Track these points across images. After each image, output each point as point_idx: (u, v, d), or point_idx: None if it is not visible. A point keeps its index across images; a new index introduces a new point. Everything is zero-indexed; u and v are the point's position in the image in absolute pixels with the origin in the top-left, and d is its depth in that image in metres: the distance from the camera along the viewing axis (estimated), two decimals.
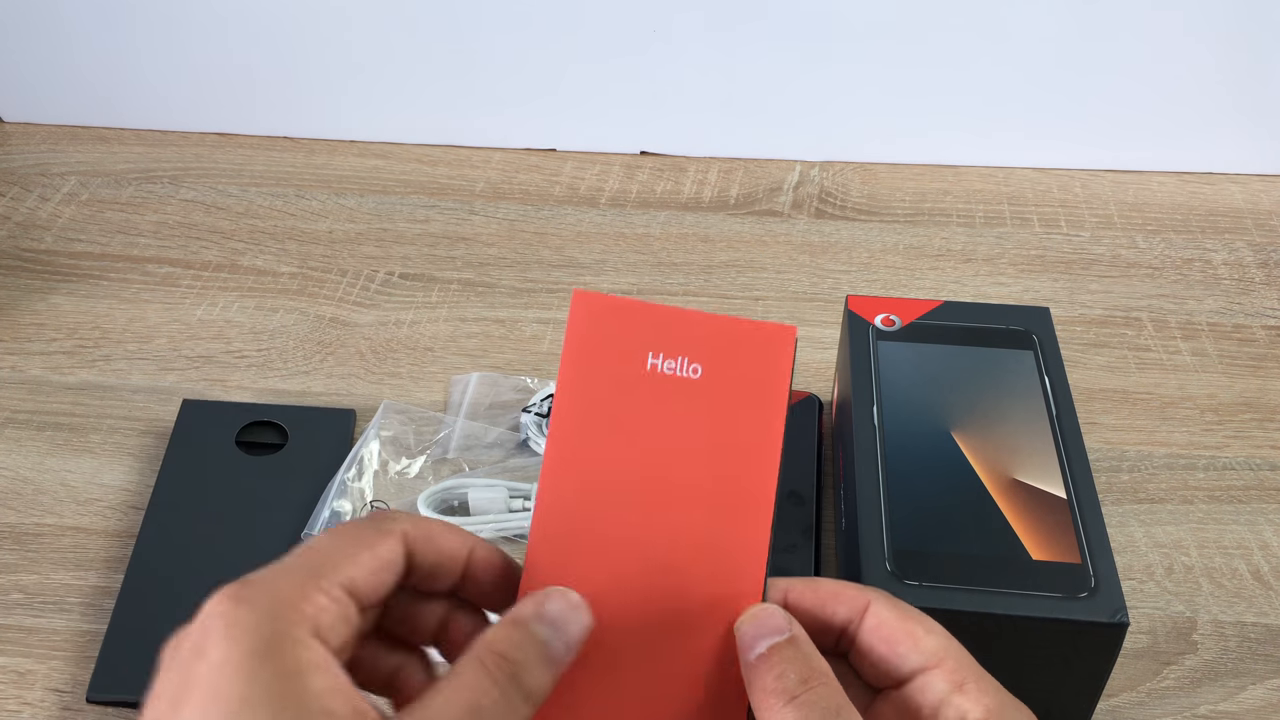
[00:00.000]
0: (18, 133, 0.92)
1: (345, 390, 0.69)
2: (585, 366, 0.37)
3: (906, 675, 0.34)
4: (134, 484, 0.64)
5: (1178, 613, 0.57)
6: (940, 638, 0.34)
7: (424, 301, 0.75)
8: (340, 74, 0.88)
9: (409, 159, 0.89)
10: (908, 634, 0.34)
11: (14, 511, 0.62)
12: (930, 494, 0.51)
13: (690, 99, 0.87)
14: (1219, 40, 0.80)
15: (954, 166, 0.87)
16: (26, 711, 0.53)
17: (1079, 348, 0.71)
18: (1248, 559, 0.59)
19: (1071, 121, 0.85)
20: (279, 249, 0.80)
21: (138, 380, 0.70)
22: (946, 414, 0.54)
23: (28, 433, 0.67)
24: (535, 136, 0.90)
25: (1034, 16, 0.80)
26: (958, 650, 0.34)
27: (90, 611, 0.57)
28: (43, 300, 0.76)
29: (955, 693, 0.33)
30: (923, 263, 0.78)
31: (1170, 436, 0.66)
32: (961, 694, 0.33)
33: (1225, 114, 0.84)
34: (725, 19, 0.82)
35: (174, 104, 0.91)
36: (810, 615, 0.35)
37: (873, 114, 0.86)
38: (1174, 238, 0.80)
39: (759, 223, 0.82)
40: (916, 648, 0.34)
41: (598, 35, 0.84)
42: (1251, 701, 0.53)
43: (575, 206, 0.84)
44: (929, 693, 0.33)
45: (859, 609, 0.35)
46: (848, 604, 0.35)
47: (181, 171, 0.88)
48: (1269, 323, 0.73)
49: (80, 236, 0.81)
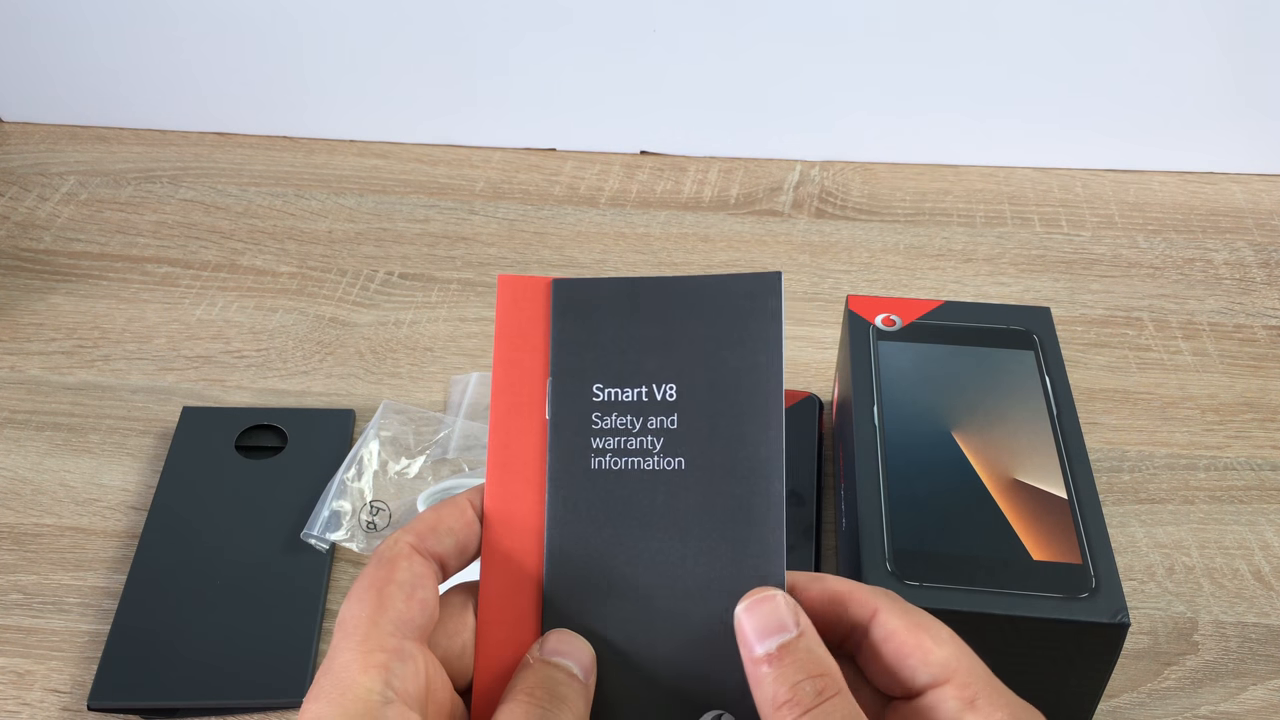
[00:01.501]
0: (17, 132, 0.92)
1: (345, 390, 0.69)
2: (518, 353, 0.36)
3: (917, 690, 0.33)
4: (133, 484, 0.64)
5: (1179, 613, 0.57)
6: (950, 648, 0.33)
7: (424, 301, 0.75)
8: (340, 74, 0.88)
9: (409, 159, 0.89)
10: (917, 646, 0.33)
11: (13, 512, 0.62)
12: (930, 494, 0.51)
13: (690, 99, 0.87)
14: (1220, 40, 0.80)
15: (955, 166, 0.87)
16: (25, 712, 0.53)
17: (1080, 348, 0.71)
18: (1248, 559, 0.59)
19: (1072, 121, 0.85)
20: (278, 249, 0.80)
21: (137, 380, 0.70)
22: (947, 414, 0.54)
23: (27, 433, 0.67)
24: (535, 136, 0.90)
25: (1035, 16, 0.80)
26: (969, 661, 0.33)
27: (89, 612, 0.57)
28: (42, 300, 0.76)
29: (967, 710, 0.32)
30: (923, 262, 0.78)
31: (1171, 437, 0.65)
32: (973, 711, 0.32)
33: (1227, 114, 0.83)
34: (726, 19, 0.82)
35: (173, 104, 0.91)
36: (815, 614, 0.34)
37: (873, 113, 0.86)
38: (1175, 237, 0.80)
39: (759, 222, 0.82)
40: (926, 661, 0.33)
41: (598, 35, 0.84)
42: (1252, 702, 0.53)
43: (575, 206, 0.84)
44: (940, 711, 0.33)
45: (867, 614, 0.34)
46: (856, 607, 0.34)
47: (181, 171, 0.88)
48: (1270, 323, 0.73)
49: (79, 236, 0.81)
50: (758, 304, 0.35)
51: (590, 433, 0.35)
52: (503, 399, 0.36)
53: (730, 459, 0.34)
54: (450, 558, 0.35)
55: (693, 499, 0.34)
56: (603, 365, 0.35)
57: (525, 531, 0.35)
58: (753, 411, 0.34)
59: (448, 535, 0.34)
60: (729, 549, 0.34)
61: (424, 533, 0.34)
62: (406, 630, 0.32)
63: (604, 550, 0.35)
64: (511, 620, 0.35)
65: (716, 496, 0.34)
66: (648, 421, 0.35)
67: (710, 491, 0.34)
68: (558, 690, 0.32)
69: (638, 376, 0.35)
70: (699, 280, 0.35)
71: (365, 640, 0.31)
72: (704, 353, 0.35)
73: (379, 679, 0.30)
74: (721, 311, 0.35)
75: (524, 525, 0.35)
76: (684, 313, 0.35)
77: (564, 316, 0.36)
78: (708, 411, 0.35)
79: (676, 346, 0.35)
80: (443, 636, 0.34)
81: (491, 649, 0.35)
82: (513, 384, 0.36)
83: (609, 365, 0.35)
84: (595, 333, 0.35)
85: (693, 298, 0.35)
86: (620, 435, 0.35)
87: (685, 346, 0.35)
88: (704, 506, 0.34)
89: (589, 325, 0.35)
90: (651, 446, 0.35)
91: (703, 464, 0.34)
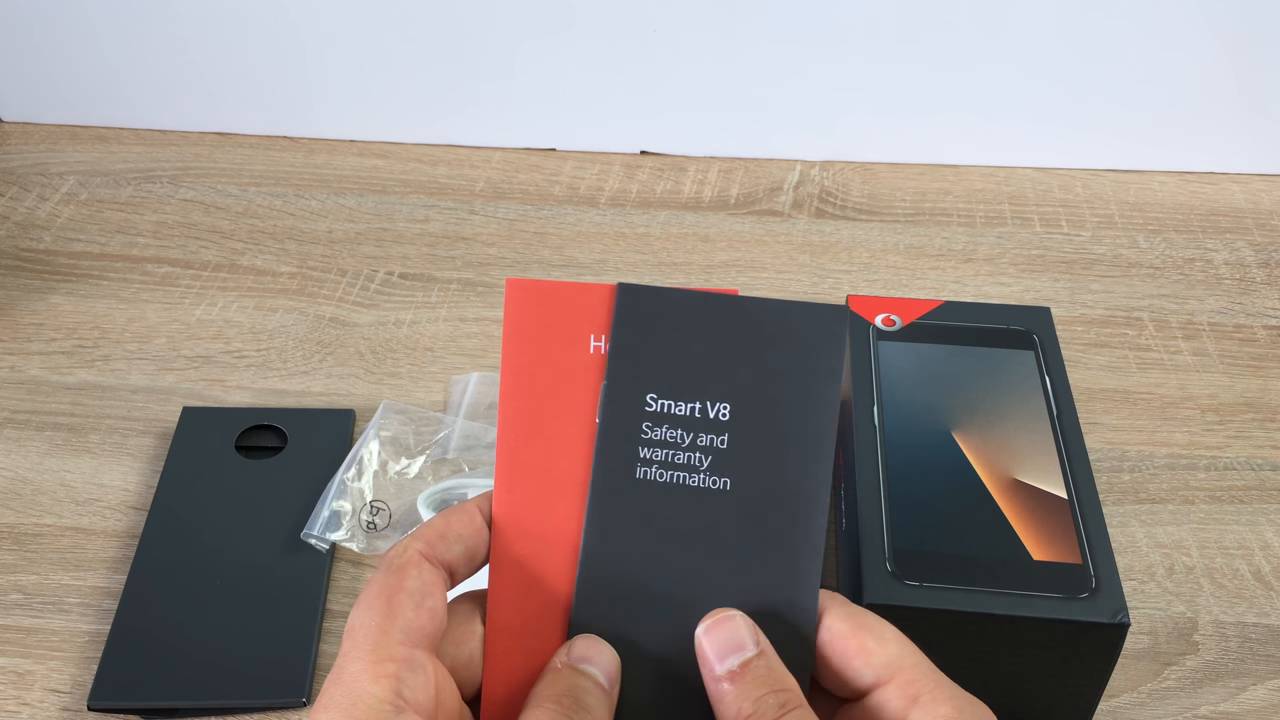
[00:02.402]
0: (17, 132, 0.92)
1: (345, 390, 0.69)
2: (527, 358, 0.35)
3: (863, 690, 0.33)
4: (133, 484, 0.64)
5: (1179, 613, 0.57)
6: (892, 647, 0.33)
7: (424, 301, 0.75)
8: (340, 74, 0.88)
9: (409, 159, 0.89)
10: (859, 648, 0.33)
11: (13, 512, 0.62)
12: (930, 494, 0.51)
13: (690, 99, 0.87)
14: (1220, 39, 0.80)
15: (955, 166, 0.87)
16: (25, 712, 0.53)
17: (1080, 347, 0.71)
18: (1249, 559, 0.59)
19: (1073, 121, 0.85)
20: (278, 249, 0.80)
21: (137, 380, 0.70)
22: (947, 414, 0.54)
23: (27, 433, 0.67)
24: (535, 136, 0.89)
25: (1035, 15, 0.80)
26: (912, 659, 0.33)
27: (89, 612, 0.57)
28: (42, 300, 0.76)
29: (911, 707, 0.32)
30: (923, 262, 0.78)
31: (1171, 436, 0.65)
32: (917, 707, 0.32)
33: (1227, 113, 0.83)
34: (726, 18, 0.82)
35: (173, 104, 0.91)
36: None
37: (873, 113, 0.86)
38: (1175, 237, 0.80)
39: (759, 222, 0.82)
40: (869, 663, 0.33)
41: (598, 35, 0.84)
42: (1253, 702, 0.53)
43: (575, 206, 0.84)
44: (885, 710, 0.33)
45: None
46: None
47: (181, 171, 0.88)
48: (1270, 323, 0.73)
49: (79, 236, 0.81)
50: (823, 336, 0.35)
51: (639, 441, 0.35)
52: (512, 405, 0.35)
53: (776, 487, 0.34)
54: (459, 565, 0.34)
55: (734, 521, 0.34)
56: (659, 376, 0.35)
57: (536, 537, 0.35)
58: (804, 442, 0.34)
59: (457, 542, 0.34)
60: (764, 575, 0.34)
61: (433, 540, 0.34)
62: (416, 639, 0.32)
63: (641, 560, 0.34)
64: (521, 627, 0.35)
65: (758, 522, 0.34)
66: (698, 438, 0.35)
67: (752, 516, 0.34)
68: (584, 700, 0.32)
69: (693, 392, 0.35)
70: (766, 303, 0.35)
71: (375, 649, 0.31)
72: (762, 377, 0.35)
73: (390, 689, 0.30)
74: (785, 338, 0.35)
75: (535, 531, 0.35)
76: (747, 334, 0.35)
77: (626, 323, 0.35)
78: (759, 436, 0.34)
79: (735, 367, 0.35)
80: (450, 645, 0.34)
81: (501, 657, 0.34)
82: (522, 389, 0.35)
83: (665, 377, 0.35)
84: (656, 343, 0.35)
85: (758, 320, 0.35)
86: (669, 448, 0.35)
87: (744, 368, 0.35)
88: (744, 530, 0.34)
89: (651, 334, 0.35)
90: (699, 464, 0.35)
91: (748, 488, 0.34)
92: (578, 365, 0.35)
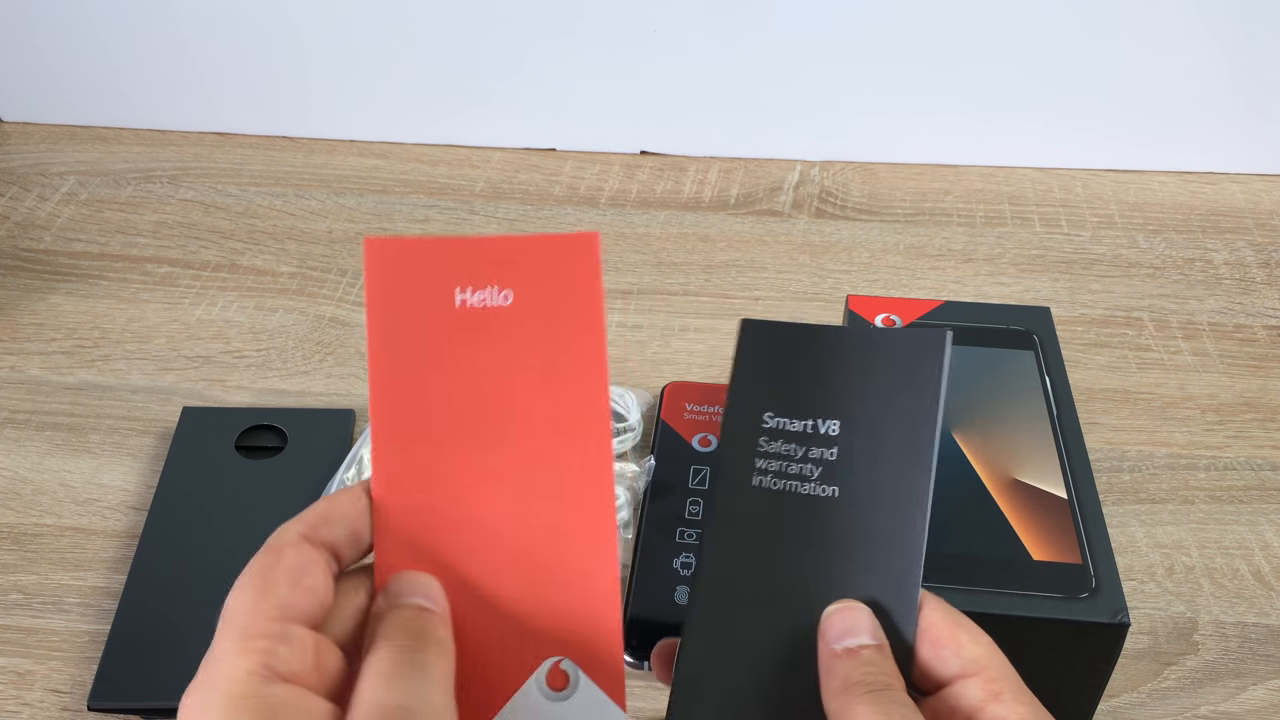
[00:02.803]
0: (17, 132, 0.92)
1: (345, 390, 0.69)
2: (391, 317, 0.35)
3: (946, 680, 0.34)
4: (133, 484, 0.64)
5: (1179, 613, 0.57)
6: (984, 647, 0.35)
7: None
8: (340, 74, 0.88)
9: (409, 159, 0.89)
10: (952, 639, 0.35)
11: (13, 511, 0.62)
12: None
13: (690, 99, 0.86)
14: (1220, 40, 0.80)
15: (954, 166, 0.87)
16: (25, 712, 0.53)
17: (1080, 348, 0.71)
18: (1249, 559, 0.59)
19: (1072, 121, 0.85)
20: (278, 249, 0.80)
21: (137, 380, 0.70)
22: (947, 414, 0.54)
23: (27, 433, 0.67)
24: (535, 136, 0.89)
25: (1035, 16, 0.80)
26: (1000, 661, 0.34)
27: (89, 612, 0.57)
28: (42, 300, 0.76)
29: (991, 701, 0.33)
30: (923, 263, 0.78)
31: (1171, 436, 0.65)
32: (997, 703, 0.33)
33: (1226, 114, 0.83)
34: (726, 19, 0.82)
35: (173, 104, 0.91)
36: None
37: (873, 113, 0.86)
38: (1175, 237, 0.80)
39: (759, 222, 0.82)
40: (958, 654, 0.34)
41: (598, 35, 0.84)
42: (1253, 702, 0.53)
43: (575, 206, 0.84)
44: (965, 699, 0.34)
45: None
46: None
47: (181, 171, 0.88)
48: (1270, 323, 0.73)
49: (79, 236, 0.81)
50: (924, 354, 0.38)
51: (755, 454, 0.38)
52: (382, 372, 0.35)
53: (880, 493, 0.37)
54: (343, 546, 0.34)
55: (841, 525, 0.37)
56: (776, 397, 0.38)
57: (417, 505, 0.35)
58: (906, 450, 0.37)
59: (340, 523, 0.34)
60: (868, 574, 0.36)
61: (315, 522, 0.34)
62: (290, 615, 0.31)
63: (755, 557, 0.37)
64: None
65: (863, 525, 0.37)
66: (809, 451, 0.38)
67: (858, 520, 0.37)
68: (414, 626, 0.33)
69: (806, 411, 0.38)
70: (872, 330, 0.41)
71: (246, 627, 0.31)
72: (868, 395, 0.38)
73: (258, 661, 0.30)
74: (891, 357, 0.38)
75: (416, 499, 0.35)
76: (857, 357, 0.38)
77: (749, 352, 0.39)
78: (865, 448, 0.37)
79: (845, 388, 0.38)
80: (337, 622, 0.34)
81: None
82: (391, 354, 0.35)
83: (781, 398, 0.38)
84: (775, 368, 0.39)
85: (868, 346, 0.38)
86: (782, 460, 0.38)
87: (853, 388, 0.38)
88: (851, 533, 0.37)
89: (770, 361, 0.39)
90: (810, 474, 0.38)
91: (854, 494, 0.37)
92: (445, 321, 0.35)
